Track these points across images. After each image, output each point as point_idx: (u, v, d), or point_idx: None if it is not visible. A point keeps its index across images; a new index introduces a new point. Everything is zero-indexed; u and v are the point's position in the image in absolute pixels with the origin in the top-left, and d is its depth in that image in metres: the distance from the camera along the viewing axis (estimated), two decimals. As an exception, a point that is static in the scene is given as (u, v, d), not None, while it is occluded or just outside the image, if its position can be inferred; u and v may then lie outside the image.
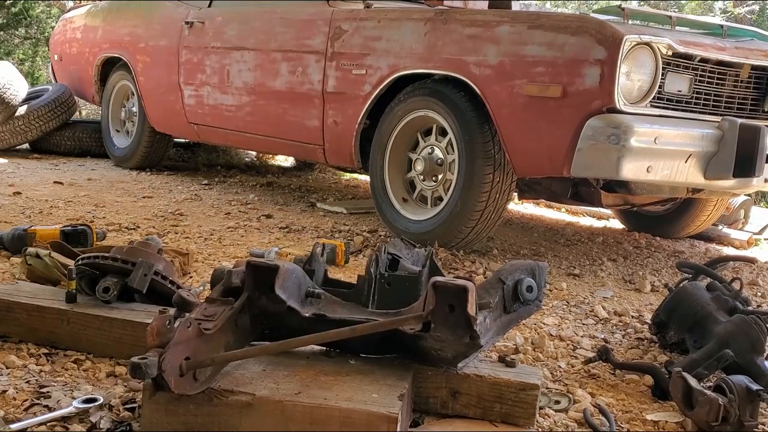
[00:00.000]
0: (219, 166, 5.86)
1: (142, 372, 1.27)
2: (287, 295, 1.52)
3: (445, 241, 3.28)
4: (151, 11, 5.10)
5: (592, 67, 2.82)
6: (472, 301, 1.45)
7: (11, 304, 1.83)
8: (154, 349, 1.32)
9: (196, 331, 1.38)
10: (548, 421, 1.67)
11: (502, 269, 1.72)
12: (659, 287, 3.05)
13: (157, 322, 1.34)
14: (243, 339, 1.53)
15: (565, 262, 3.44)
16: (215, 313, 1.47)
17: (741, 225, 4.59)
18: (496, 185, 3.16)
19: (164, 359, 1.30)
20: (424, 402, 1.59)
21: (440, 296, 1.46)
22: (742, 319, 1.97)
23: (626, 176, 2.83)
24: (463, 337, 1.46)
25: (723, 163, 2.93)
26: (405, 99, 3.44)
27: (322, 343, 1.62)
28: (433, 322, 1.46)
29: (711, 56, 3.07)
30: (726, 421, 1.61)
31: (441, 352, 1.53)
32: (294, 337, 1.48)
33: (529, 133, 3.02)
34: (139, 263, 1.92)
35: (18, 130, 5.70)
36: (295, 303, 1.54)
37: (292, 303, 1.52)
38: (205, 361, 1.37)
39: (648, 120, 2.86)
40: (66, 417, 1.48)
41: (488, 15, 3.33)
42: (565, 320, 2.51)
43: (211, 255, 2.99)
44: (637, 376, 1.98)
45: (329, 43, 3.74)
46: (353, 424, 1.35)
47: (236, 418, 1.38)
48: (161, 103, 4.98)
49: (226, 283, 1.58)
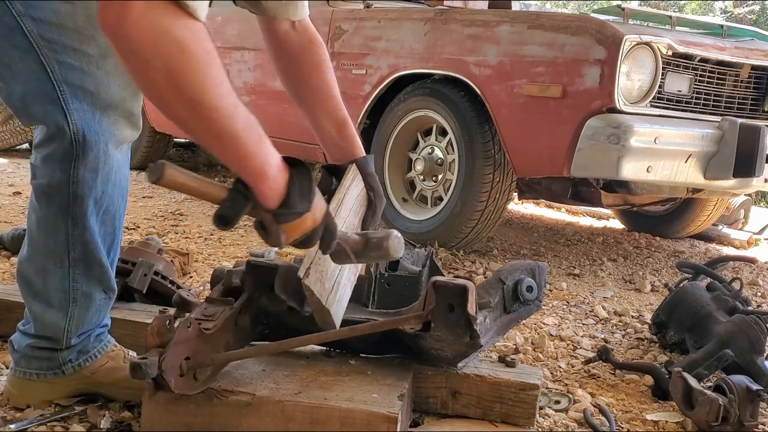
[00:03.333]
0: (219, 166, 5.85)
1: (142, 372, 1.27)
2: (287, 294, 1.51)
3: (445, 241, 3.28)
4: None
5: (592, 67, 2.82)
6: (473, 301, 1.45)
7: (11, 304, 1.83)
8: (154, 349, 1.32)
9: (196, 331, 1.38)
10: (548, 421, 1.67)
11: (502, 269, 1.72)
12: (659, 287, 3.05)
13: (157, 322, 1.34)
14: (243, 339, 1.53)
15: (565, 262, 3.43)
16: (215, 313, 1.46)
17: (741, 225, 4.59)
18: (496, 185, 3.16)
19: (164, 359, 1.30)
20: (424, 402, 1.59)
21: (440, 296, 1.46)
22: (742, 319, 1.97)
23: (626, 176, 2.83)
24: (463, 336, 1.46)
25: (723, 163, 2.93)
26: (405, 99, 3.44)
27: (322, 342, 1.62)
28: (433, 321, 1.46)
29: (711, 56, 3.07)
30: (726, 421, 1.61)
31: (441, 351, 1.53)
32: (294, 337, 1.48)
33: (529, 133, 3.02)
34: (139, 263, 1.92)
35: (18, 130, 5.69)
36: (295, 302, 1.53)
37: (293, 302, 1.52)
38: (205, 361, 1.37)
39: (648, 120, 2.86)
40: (66, 417, 1.48)
41: (488, 15, 3.33)
42: (565, 320, 2.51)
43: (211, 255, 2.99)
44: (637, 376, 1.98)
45: (329, 43, 3.73)
46: (353, 424, 1.35)
47: (236, 418, 1.38)
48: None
49: (226, 283, 1.58)
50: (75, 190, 1.38)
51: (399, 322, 1.49)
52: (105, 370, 1.53)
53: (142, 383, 1.33)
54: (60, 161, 1.37)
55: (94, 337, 1.53)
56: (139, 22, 0.99)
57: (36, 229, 1.43)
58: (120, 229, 1.52)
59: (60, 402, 1.51)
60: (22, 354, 1.49)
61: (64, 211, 1.40)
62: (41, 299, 1.46)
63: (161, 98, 1.05)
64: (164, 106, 1.06)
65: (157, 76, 1.02)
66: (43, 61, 1.34)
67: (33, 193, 1.43)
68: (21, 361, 1.50)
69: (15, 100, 1.37)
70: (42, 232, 1.42)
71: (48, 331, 1.46)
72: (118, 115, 1.40)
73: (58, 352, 1.49)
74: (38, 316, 1.46)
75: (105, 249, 1.47)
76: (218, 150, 1.12)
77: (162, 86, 1.03)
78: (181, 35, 1.03)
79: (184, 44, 1.03)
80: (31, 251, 1.45)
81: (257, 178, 1.14)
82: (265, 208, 1.16)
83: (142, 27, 0.99)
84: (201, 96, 1.06)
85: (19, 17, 1.31)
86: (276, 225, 1.18)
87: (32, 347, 1.48)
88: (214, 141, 1.11)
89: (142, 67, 1.03)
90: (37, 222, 1.43)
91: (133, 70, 1.05)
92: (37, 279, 1.45)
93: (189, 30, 1.04)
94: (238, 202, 1.14)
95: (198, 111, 1.07)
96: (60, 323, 1.46)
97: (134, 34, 0.99)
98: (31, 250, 1.45)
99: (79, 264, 1.44)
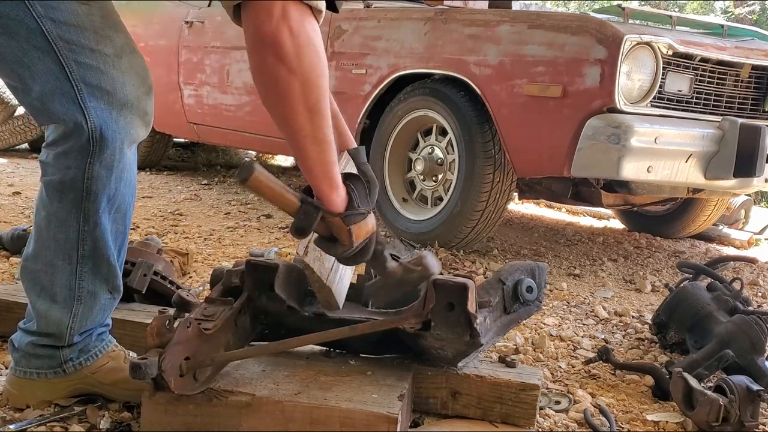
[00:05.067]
0: (219, 166, 5.86)
1: (142, 372, 1.27)
2: (287, 294, 1.51)
3: (445, 241, 3.28)
4: (150, 11, 5.09)
5: (593, 67, 2.82)
6: (473, 299, 1.45)
7: (11, 304, 1.83)
8: (153, 349, 1.32)
9: (195, 331, 1.38)
10: (548, 421, 1.67)
11: (502, 270, 1.72)
12: (660, 287, 3.05)
13: (156, 322, 1.34)
14: (243, 339, 1.53)
15: (566, 262, 3.43)
16: (215, 313, 1.46)
17: (741, 225, 4.58)
18: (496, 185, 3.16)
19: (164, 359, 1.29)
20: (424, 402, 1.58)
21: (440, 294, 1.45)
22: (743, 319, 1.96)
23: (626, 176, 2.82)
24: (463, 335, 1.46)
25: (723, 163, 2.93)
26: (405, 99, 3.44)
27: (322, 342, 1.61)
28: (433, 320, 1.46)
29: (711, 56, 3.07)
30: (726, 421, 1.61)
31: (441, 351, 1.52)
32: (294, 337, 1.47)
33: (529, 133, 3.01)
34: (139, 263, 1.92)
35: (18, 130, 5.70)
36: (295, 302, 1.53)
37: (292, 302, 1.52)
38: (205, 361, 1.37)
39: (648, 120, 2.86)
40: (65, 417, 1.47)
41: (488, 15, 3.33)
42: (566, 320, 2.51)
43: (211, 255, 2.98)
44: (638, 376, 1.98)
45: (329, 42, 3.73)
46: (353, 424, 1.35)
47: (236, 418, 1.38)
48: (161, 102, 4.94)
49: (225, 283, 1.58)
50: (89, 186, 1.40)
51: (399, 321, 1.49)
52: (105, 370, 1.53)
53: (142, 384, 1.33)
54: (75, 158, 1.38)
55: (96, 337, 1.53)
56: (296, 30, 1.07)
57: (45, 225, 1.44)
58: (128, 230, 1.53)
59: (59, 402, 1.51)
60: (23, 353, 1.50)
61: (77, 207, 1.41)
62: (46, 295, 1.46)
63: (290, 103, 1.14)
64: (288, 110, 1.16)
65: (293, 83, 1.11)
66: (62, 62, 1.36)
67: (43, 190, 1.44)
68: (21, 360, 1.50)
69: (33, 99, 1.39)
70: (52, 228, 1.43)
71: (51, 327, 1.47)
72: (133, 114, 1.43)
73: (60, 350, 1.49)
74: (42, 313, 1.47)
75: (115, 248, 1.49)
76: (314, 154, 1.23)
77: (296, 92, 1.12)
78: (318, 42, 1.12)
79: (321, 54, 1.12)
80: (39, 247, 1.46)
81: (332, 186, 1.28)
82: (334, 214, 1.29)
83: (297, 32, 1.07)
84: (321, 103, 1.17)
85: (39, 19, 1.34)
86: (345, 228, 1.30)
87: (34, 345, 1.48)
88: (314, 146, 1.22)
89: (284, 75, 1.10)
90: (47, 218, 1.44)
91: (274, 78, 1.12)
92: (43, 275, 1.46)
93: (318, 35, 1.13)
94: (310, 214, 1.27)
95: (314, 117, 1.17)
96: (64, 320, 1.46)
97: (289, 45, 1.07)
98: (38, 246, 1.46)
99: (88, 261, 1.45)
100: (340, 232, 1.32)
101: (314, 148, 1.22)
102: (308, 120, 1.18)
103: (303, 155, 1.24)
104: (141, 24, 5.09)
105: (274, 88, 1.15)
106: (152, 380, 1.30)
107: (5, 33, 1.34)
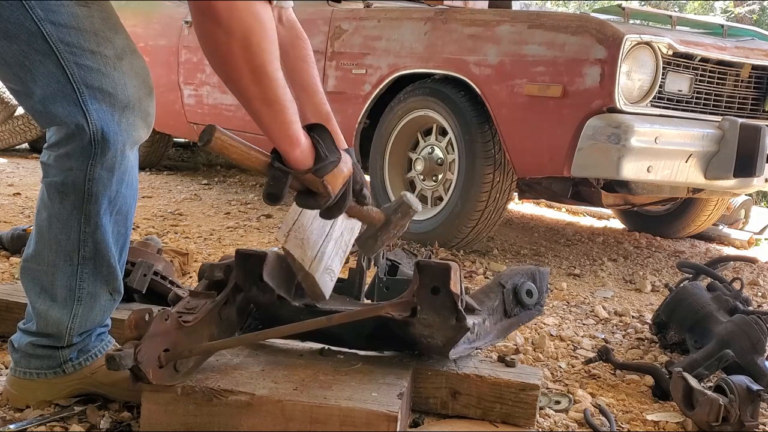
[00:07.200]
0: (219, 166, 5.86)
1: (116, 363, 1.26)
2: (276, 283, 1.50)
3: (445, 241, 3.28)
4: (150, 11, 5.09)
5: (593, 67, 2.82)
6: (456, 280, 1.44)
7: (11, 304, 1.83)
8: (130, 341, 1.31)
9: (174, 323, 1.37)
10: (548, 421, 1.67)
11: (503, 273, 1.71)
12: (660, 287, 3.05)
13: (134, 315, 1.33)
14: (229, 331, 1.52)
15: (566, 262, 3.43)
16: (197, 306, 1.46)
17: (741, 225, 4.59)
18: (496, 185, 3.16)
19: (140, 350, 1.29)
20: (424, 402, 1.58)
21: (425, 278, 1.45)
22: (743, 319, 1.96)
23: (627, 176, 2.83)
24: (449, 318, 1.45)
25: (723, 163, 2.93)
26: (405, 99, 3.44)
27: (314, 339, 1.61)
28: (419, 305, 1.45)
29: (711, 56, 3.07)
30: (726, 421, 1.61)
31: (431, 339, 1.51)
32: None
33: (529, 133, 3.01)
34: (139, 263, 1.92)
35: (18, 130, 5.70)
36: (285, 292, 1.52)
37: (282, 291, 1.51)
38: (183, 352, 1.36)
39: (648, 120, 2.86)
40: (65, 417, 1.47)
41: (488, 15, 3.33)
42: (566, 320, 2.51)
43: (211, 255, 2.98)
44: (638, 376, 1.98)
45: (329, 42, 3.73)
46: (353, 423, 1.35)
47: (236, 417, 1.38)
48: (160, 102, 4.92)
49: (209, 276, 1.57)
50: (90, 188, 1.40)
51: (378, 309, 1.48)
52: (105, 370, 1.52)
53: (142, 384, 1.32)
54: (76, 159, 1.39)
55: (95, 337, 1.53)
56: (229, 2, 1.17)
57: (47, 226, 1.44)
58: (130, 231, 1.53)
59: (59, 402, 1.51)
60: (22, 353, 1.49)
61: (78, 209, 1.42)
62: (47, 295, 1.46)
63: (233, 66, 1.21)
64: (233, 74, 1.22)
65: (233, 46, 1.19)
66: (63, 64, 1.36)
67: (44, 191, 1.44)
68: (21, 360, 1.50)
69: (35, 102, 1.39)
70: (53, 229, 1.43)
71: (50, 328, 1.47)
72: (135, 115, 1.43)
73: (59, 350, 1.49)
74: (42, 313, 1.46)
75: (116, 250, 1.49)
76: (267, 116, 1.28)
77: (237, 55, 1.19)
78: (258, 11, 1.20)
79: (261, 18, 1.21)
80: (40, 248, 1.46)
81: (293, 144, 1.30)
82: (303, 172, 1.31)
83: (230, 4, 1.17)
84: (266, 66, 1.22)
85: (39, 22, 1.34)
86: (319, 180, 1.32)
87: (33, 345, 1.48)
88: (265, 108, 1.26)
89: (223, 39, 1.18)
90: (48, 219, 1.44)
91: (214, 42, 1.20)
92: (44, 275, 1.46)
93: (264, 8, 1.22)
94: (278, 179, 1.30)
95: (260, 78, 1.23)
96: (63, 320, 1.46)
97: (223, 9, 1.17)
98: (39, 246, 1.46)
99: (89, 262, 1.45)
100: (315, 185, 1.34)
101: (266, 110, 1.26)
102: (254, 82, 1.23)
103: (257, 117, 1.28)
104: (141, 24, 5.09)
105: (216, 53, 1.21)
106: (131, 371, 1.30)
107: (6, 37, 1.34)
